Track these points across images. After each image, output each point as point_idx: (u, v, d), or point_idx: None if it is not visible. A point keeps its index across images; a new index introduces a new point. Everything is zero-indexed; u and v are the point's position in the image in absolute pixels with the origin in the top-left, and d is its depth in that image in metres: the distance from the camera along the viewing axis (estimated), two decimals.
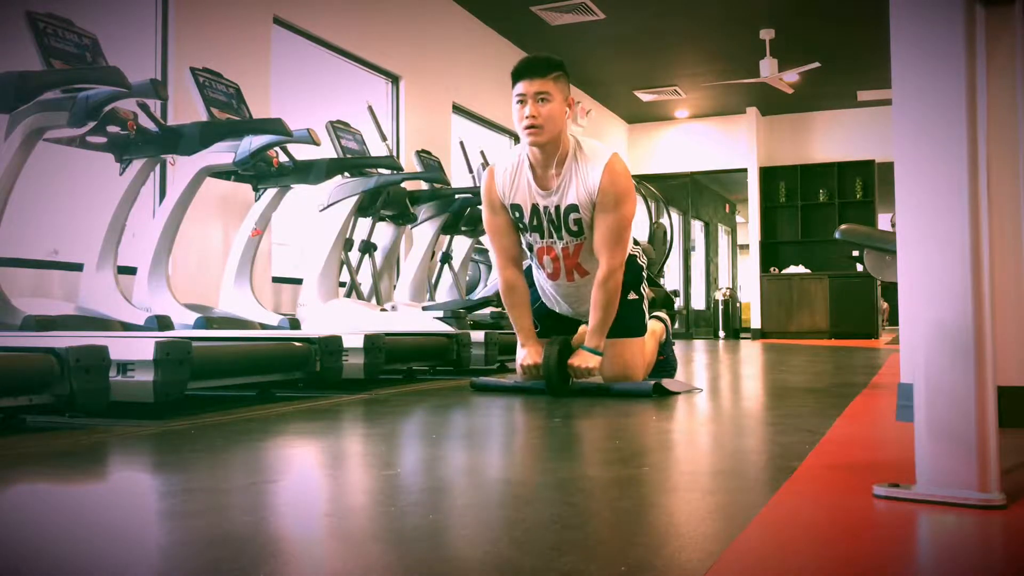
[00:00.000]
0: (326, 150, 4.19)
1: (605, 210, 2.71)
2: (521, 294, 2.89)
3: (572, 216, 2.75)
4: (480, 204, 5.15)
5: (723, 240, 15.84)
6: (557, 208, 2.75)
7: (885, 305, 11.91)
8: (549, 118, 2.65)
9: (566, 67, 2.74)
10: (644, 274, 3.04)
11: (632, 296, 2.94)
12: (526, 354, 2.85)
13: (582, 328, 2.97)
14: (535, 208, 2.78)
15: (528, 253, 2.94)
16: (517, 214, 2.82)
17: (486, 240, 5.80)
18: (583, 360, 2.76)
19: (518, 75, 2.68)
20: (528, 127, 2.66)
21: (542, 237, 2.83)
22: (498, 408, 2.53)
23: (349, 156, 4.38)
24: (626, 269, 2.85)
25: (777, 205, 11.30)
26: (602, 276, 2.74)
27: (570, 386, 2.80)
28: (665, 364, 3.17)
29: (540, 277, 2.99)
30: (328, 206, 4.34)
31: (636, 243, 3.04)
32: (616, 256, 2.74)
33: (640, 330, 2.95)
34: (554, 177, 2.73)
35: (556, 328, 3.00)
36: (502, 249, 2.88)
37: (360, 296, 4.68)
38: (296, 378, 2.78)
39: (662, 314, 3.27)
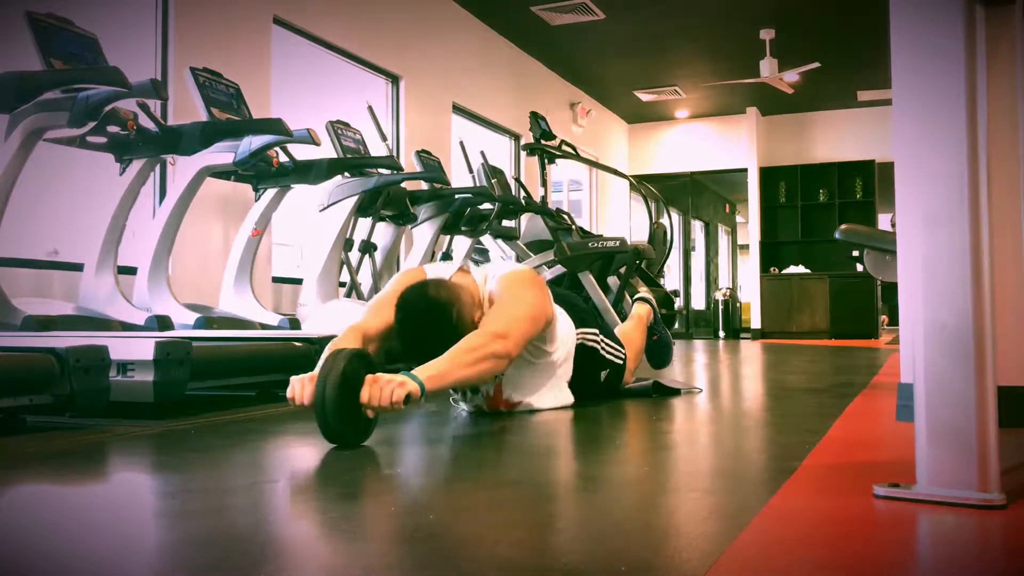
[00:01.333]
0: (326, 150, 4.18)
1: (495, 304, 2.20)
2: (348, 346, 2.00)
3: None
4: (480, 204, 5.19)
5: (723, 240, 15.83)
6: None
7: (884, 318, 11.85)
8: None
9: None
10: (608, 350, 2.64)
11: (604, 374, 2.63)
12: (297, 378, 1.89)
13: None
14: None
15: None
16: None
17: (487, 240, 5.83)
18: (387, 384, 1.74)
19: None
20: None
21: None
22: None
23: (349, 156, 4.38)
24: (583, 354, 2.52)
25: (777, 205, 11.29)
26: (485, 331, 2.03)
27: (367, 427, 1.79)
28: (660, 343, 3.15)
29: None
30: (328, 206, 4.34)
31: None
32: (505, 331, 2.04)
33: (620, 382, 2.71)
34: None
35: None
36: (366, 323, 2.18)
37: (360, 296, 4.68)
38: None
39: (647, 295, 3.24)
